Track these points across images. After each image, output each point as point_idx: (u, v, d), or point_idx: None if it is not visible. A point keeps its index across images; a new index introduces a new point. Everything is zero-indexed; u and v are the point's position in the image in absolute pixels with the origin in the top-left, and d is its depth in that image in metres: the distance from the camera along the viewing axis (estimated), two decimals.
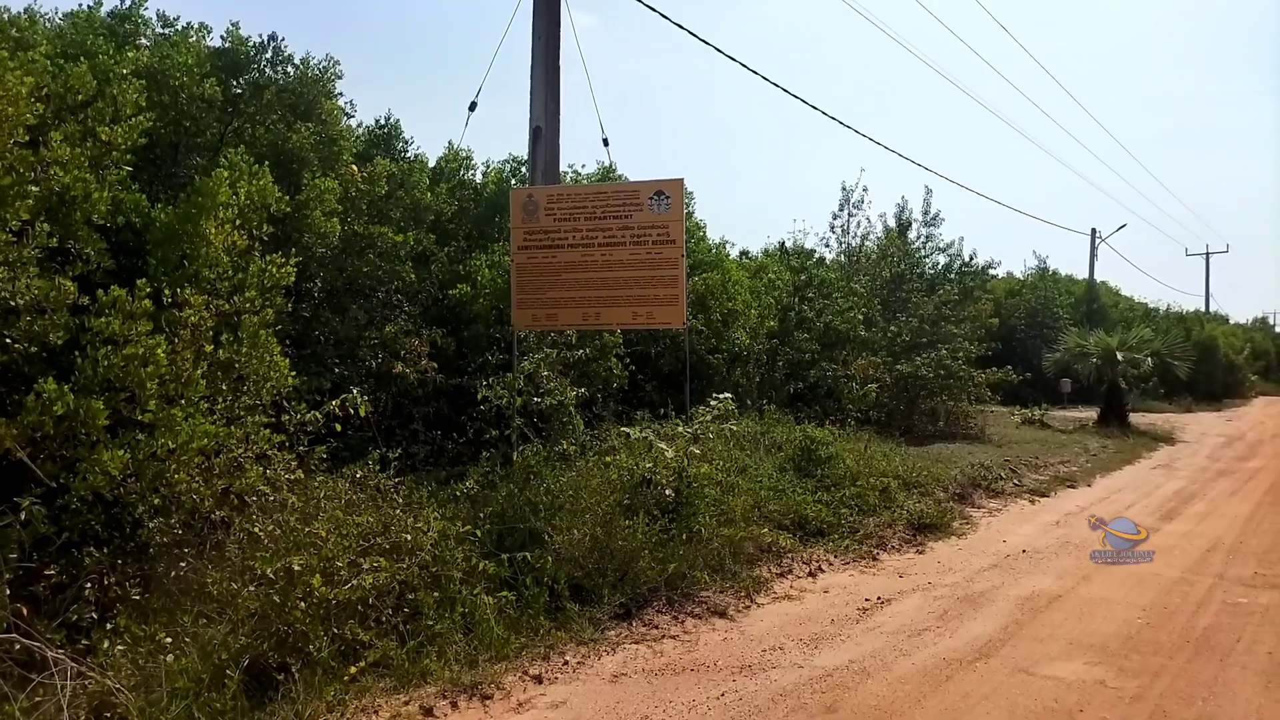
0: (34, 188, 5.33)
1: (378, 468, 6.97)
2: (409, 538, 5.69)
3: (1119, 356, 21.15)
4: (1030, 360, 25.79)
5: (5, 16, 7.26)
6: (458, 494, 7.18)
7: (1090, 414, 22.12)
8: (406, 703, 4.64)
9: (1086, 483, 12.85)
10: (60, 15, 8.54)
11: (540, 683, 5.01)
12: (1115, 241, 72.04)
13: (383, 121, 12.03)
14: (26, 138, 5.41)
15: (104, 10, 8.57)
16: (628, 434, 8.50)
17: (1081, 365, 22.16)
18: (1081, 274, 40.18)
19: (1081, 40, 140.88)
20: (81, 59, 6.93)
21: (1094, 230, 39.31)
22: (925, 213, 26.32)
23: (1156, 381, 26.73)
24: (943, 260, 26.14)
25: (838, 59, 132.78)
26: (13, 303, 5.10)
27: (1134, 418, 21.69)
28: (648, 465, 7.70)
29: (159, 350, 5.21)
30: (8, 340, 5.09)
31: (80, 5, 8.41)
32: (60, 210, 5.80)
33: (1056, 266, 40.35)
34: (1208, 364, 31.59)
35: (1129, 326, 26.17)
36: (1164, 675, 5.21)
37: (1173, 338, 25.43)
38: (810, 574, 7.49)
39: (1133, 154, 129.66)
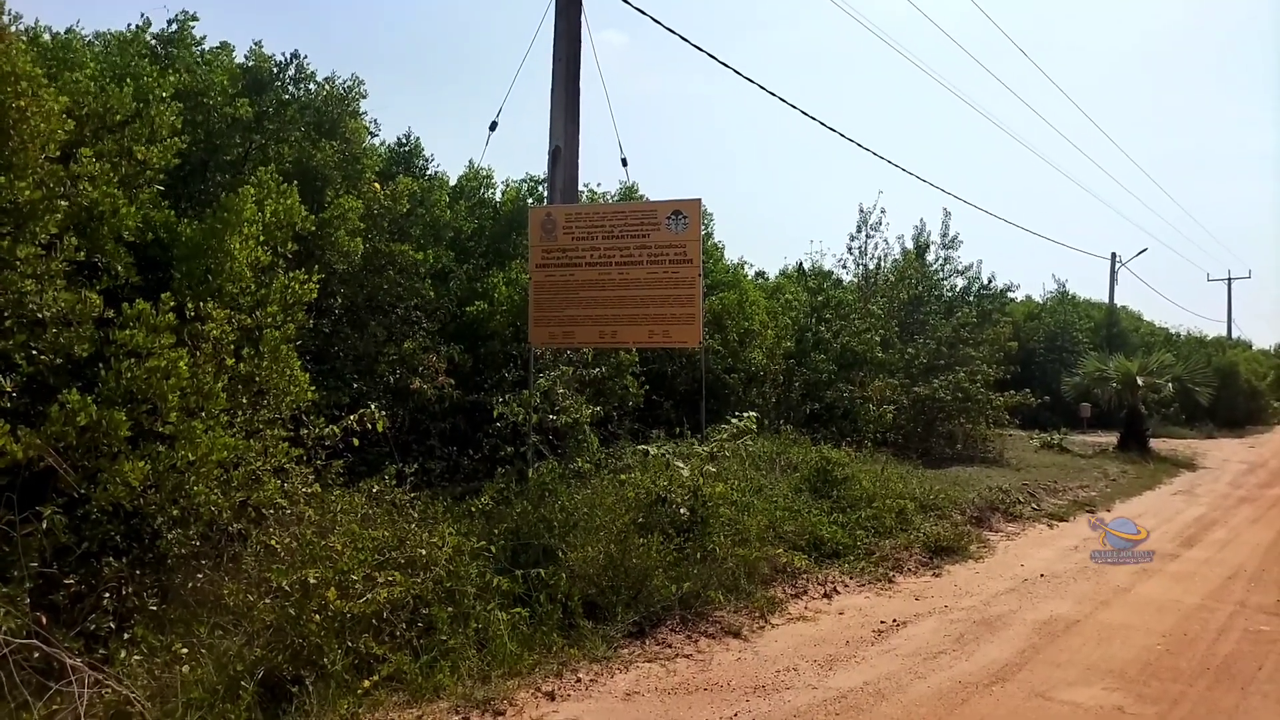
0: (63, 202, 5.43)
1: (394, 482, 7.02)
2: (424, 552, 5.71)
3: (1139, 381, 20.95)
4: (1049, 384, 25.57)
5: (46, 37, 7.43)
6: (473, 510, 7.20)
7: (1110, 439, 21.90)
8: (420, 717, 4.65)
9: (1106, 508, 12.71)
10: (107, 35, 8.70)
11: (553, 700, 5.00)
12: (1136, 266, 71.63)
13: (404, 140, 12.18)
14: (58, 153, 5.52)
15: (152, 31, 8.72)
16: (646, 451, 8.50)
17: (1101, 390, 21.96)
18: (1101, 298, 39.91)
19: (1102, 64, 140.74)
20: (128, 80, 7.08)
21: (1114, 254, 39.19)
22: (943, 235, 26.23)
23: (1178, 407, 26.43)
24: (961, 283, 26.04)
25: (857, 82, 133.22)
26: (40, 315, 5.18)
27: (1154, 443, 21.44)
28: (663, 484, 7.70)
29: (181, 363, 5.28)
30: (34, 352, 5.17)
31: (128, 25, 8.57)
32: (89, 225, 5.91)
33: (1076, 290, 40.17)
34: (1230, 390, 31.16)
35: (1149, 351, 25.88)
36: (1184, 702, 5.15)
37: (1194, 363, 25.16)
38: (825, 595, 7.45)
39: (1153, 178, 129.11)
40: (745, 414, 8.99)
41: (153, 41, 8.79)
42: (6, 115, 5.13)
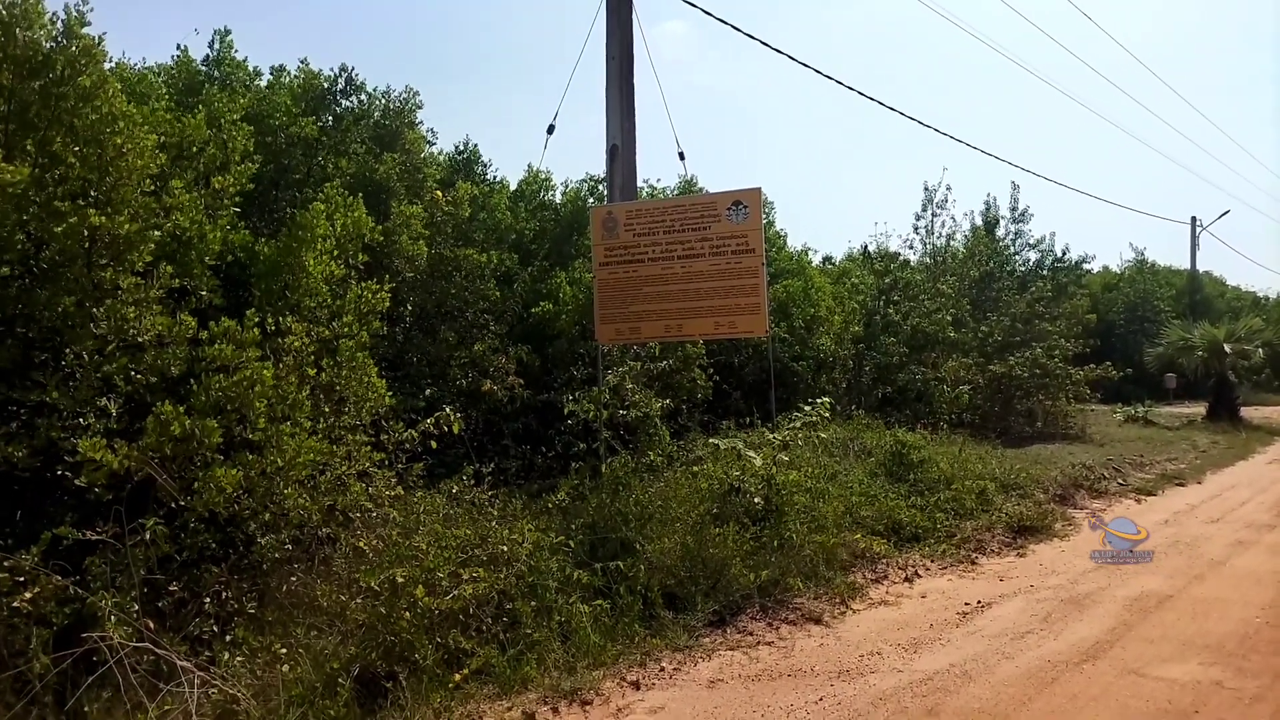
0: (156, 233, 5.70)
1: (472, 482, 7.19)
2: (505, 549, 5.84)
3: (1227, 349, 20.19)
4: (1130, 356, 24.81)
5: (124, 73, 7.78)
6: (550, 506, 7.33)
7: (1198, 409, 21.16)
8: (509, 709, 4.75)
9: (1196, 480, 12.30)
10: (157, 67, 9.06)
11: (638, 689, 5.07)
12: (1218, 229, 68.70)
13: (462, 147, 12.42)
14: (151, 187, 5.80)
15: (197, 55, 9.06)
16: (716, 445, 8.52)
17: (1186, 359, 21.23)
18: (1182, 265, 38.57)
19: (1174, 22, 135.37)
20: (200, 107, 7.37)
21: (1194, 218, 37.77)
22: (1013, 209, 25.67)
23: (1269, 373, 25.41)
24: (1034, 257, 25.48)
25: (918, 59, 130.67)
26: (139, 339, 5.46)
27: (1246, 411, 20.65)
28: (736, 474, 7.72)
29: (267, 374, 5.49)
30: (133, 373, 5.45)
31: (172, 55, 8.93)
32: (178, 252, 6.20)
33: (1155, 258, 38.91)
34: None
35: (1237, 317, 24.90)
36: None
37: None
38: (906, 579, 7.37)
39: (1233, 137, 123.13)
40: (819, 400, 8.91)
41: (203, 66, 9.11)
42: (105, 153, 5.40)
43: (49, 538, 4.52)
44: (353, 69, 10.09)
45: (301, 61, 10.11)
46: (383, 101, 10.42)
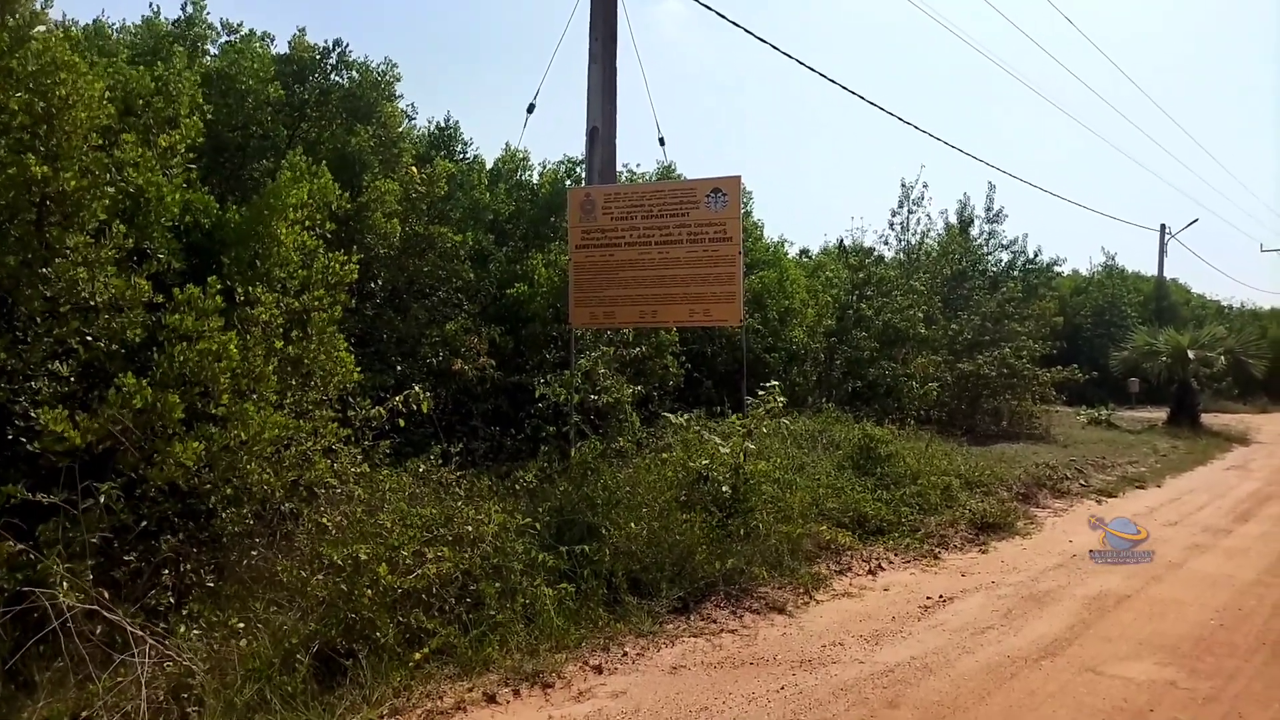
0: (109, 189, 5.52)
1: (439, 462, 7.12)
2: (471, 529, 5.79)
3: (1190, 355, 20.52)
4: (1097, 359, 25.15)
5: (75, 30, 7.55)
6: (517, 488, 7.28)
7: (1160, 414, 21.49)
8: (470, 689, 4.72)
9: (1156, 483, 12.50)
10: (132, 24, 8.82)
11: (600, 673, 5.06)
12: (1186, 238, 69.74)
13: (443, 124, 12.24)
14: (100, 141, 5.62)
15: (166, 16, 8.81)
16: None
17: (1150, 364, 21.56)
18: (1150, 271, 39.18)
19: (1150, 32, 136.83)
20: (159, 64, 7.17)
21: (1163, 226, 38.30)
22: (988, 209, 25.91)
23: (1230, 381, 25.85)
24: (1006, 257, 25.73)
25: (900, 55, 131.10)
26: (92, 302, 5.31)
27: (1206, 418, 21.00)
28: (704, 462, 7.71)
29: (231, 345, 5.37)
30: (88, 338, 5.30)
31: (142, 15, 8.68)
32: (135, 212, 6.02)
33: (1124, 263, 39.42)
34: None
35: (1200, 324, 25.35)
36: (1239, 677, 5.06)
37: (1247, 335, 24.55)
38: (870, 572, 7.42)
39: (1204, 147, 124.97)
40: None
41: (172, 26, 8.86)
42: (50, 105, 5.22)
43: (3, 496, 4.41)
44: (346, 45, 9.85)
45: (299, 29, 9.87)
46: (359, 75, 10.23)
